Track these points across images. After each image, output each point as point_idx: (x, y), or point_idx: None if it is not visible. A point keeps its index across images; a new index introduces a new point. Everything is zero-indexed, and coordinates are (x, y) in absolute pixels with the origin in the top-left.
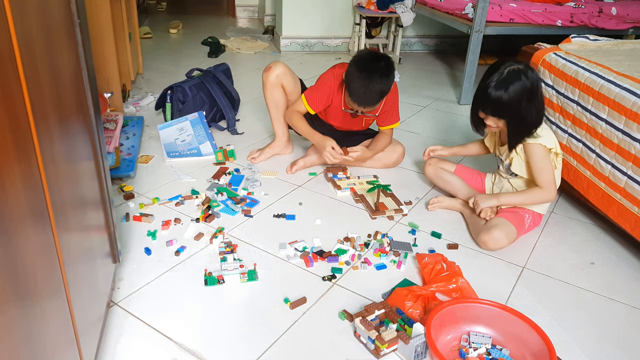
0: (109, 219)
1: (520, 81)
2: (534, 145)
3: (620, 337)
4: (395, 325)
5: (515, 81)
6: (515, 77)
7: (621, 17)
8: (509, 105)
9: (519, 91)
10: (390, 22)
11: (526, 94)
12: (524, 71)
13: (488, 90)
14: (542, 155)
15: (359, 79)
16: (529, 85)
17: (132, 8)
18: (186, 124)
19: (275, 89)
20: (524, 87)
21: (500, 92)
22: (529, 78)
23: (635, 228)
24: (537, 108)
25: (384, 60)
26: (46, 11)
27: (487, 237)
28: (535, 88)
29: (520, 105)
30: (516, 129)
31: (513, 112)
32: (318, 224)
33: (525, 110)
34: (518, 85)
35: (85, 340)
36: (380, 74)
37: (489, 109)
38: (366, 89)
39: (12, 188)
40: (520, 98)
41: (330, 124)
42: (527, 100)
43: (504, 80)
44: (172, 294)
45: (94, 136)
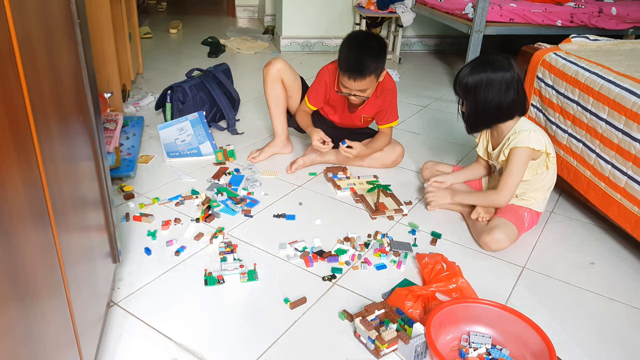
0: (109, 219)
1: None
2: (520, 149)
3: (620, 337)
4: (395, 325)
5: (480, 68)
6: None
7: (621, 17)
8: (466, 89)
9: (477, 79)
10: (390, 22)
11: (484, 82)
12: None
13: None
14: (521, 159)
15: (350, 49)
16: (488, 77)
17: (132, 8)
18: (186, 124)
19: (275, 84)
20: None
21: (463, 74)
22: (496, 70)
23: (635, 228)
24: (499, 101)
25: (376, 39)
26: (46, 11)
27: (489, 238)
28: (496, 81)
29: (477, 92)
30: (470, 112)
31: (469, 96)
32: (318, 224)
33: (482, 97)
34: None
35: (85, 340)
36: (372, 48)
37: (455, 88)
38: (356, 58)
39: (12, 188)
40: (478, 85)
41: (332, 121)
42: (486, 88)
43: (473, 65)
44: (172, 294)
45: (94, 136)
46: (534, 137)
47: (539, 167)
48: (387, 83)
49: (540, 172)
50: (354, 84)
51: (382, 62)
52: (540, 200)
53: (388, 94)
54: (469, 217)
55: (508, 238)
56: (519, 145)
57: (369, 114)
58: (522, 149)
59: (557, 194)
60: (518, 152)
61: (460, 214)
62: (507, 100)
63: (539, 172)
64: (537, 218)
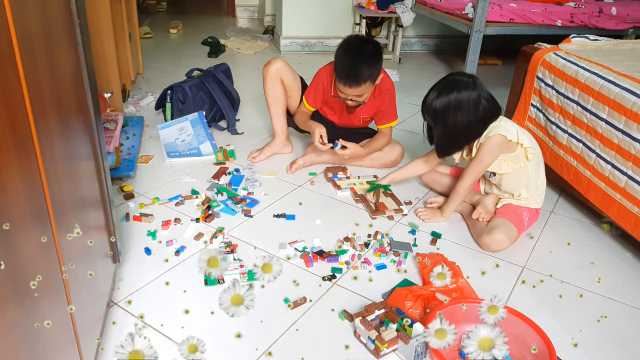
0: (109, 219)
1: (452, 92)
2: (491, 138)
3: (620, 337)
4: (395, 325)
5: (447, 91)
6: (449, 87)
7: (621, 17)
8: (435, 114)
9: (445, 102)
10: (390, 22)
11: (452, 105)
12: (460, 84)
13: (425, 99)
14: (493, 146)
15: (345, 56)
16: (456, 99)
17: (132, 8)
18: (186, 124)
19: (275, 83)
20: (454, 98)
21: (430, 99)
22: (461, 91)
23: (635, 228)
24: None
25: (372, 44)
26: (46, 11)
27: (489, 239)
28: (463, 103)
29: (446, 116)
30: (440, 137)
31: (439, 120)
32: (318, 224)
33: (451, 121)
34: (449, 95)
35: (85, 340)
36: (367, 56)
37: (424, 114)
38: (351, 65)
39: (12, 188)
40: (446, 108)
41: (331, 121)
42: (454, 111)
43: (438, 89)
44: (172, 294)
45: (94, 136)
46: (505, 126)
47: (519, 160)
48: (386, 84)
49: (523, 166)
50: (349, 91)
51: (377, 68)
52: (536, 197)
53: (386, 94)
54: (469, 218)
55: (508, 238)
56: (490, 134)
57: (367, 115)
58: (493, 137)
59: (557, 194)
60: (491, 139)
61: (460, 214)
62: (476, 120)
63: (522, 166)
64: (536, 215)
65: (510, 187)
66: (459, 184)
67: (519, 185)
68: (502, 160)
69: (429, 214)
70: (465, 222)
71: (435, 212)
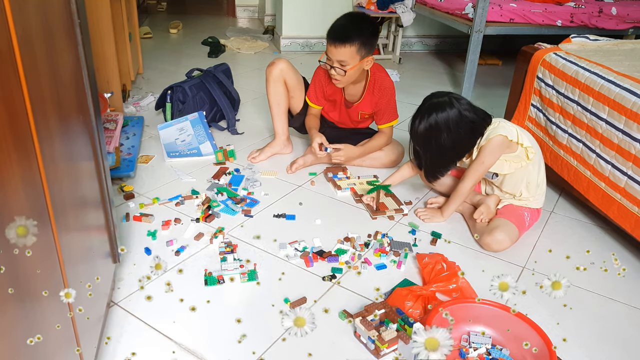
0: (109, 219)
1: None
2: (493, 138)
3: (620, 337)
4: (395, 325)
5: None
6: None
7: (621, 17)
8: (421, 140)
9: (426, 126)
10: (390, 22)
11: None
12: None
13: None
14: (495, 147)
15: (338, 19)
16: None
17: (132, 8)
18: (186, 124)
19: (277, 84)
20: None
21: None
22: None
23: (635, 228)
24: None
25: (369, 20)
26: (46, 11)
27: (490, 239)
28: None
29: (430, 140)
30: (428, 160)
31: (425, 146)
32: (318, 224)
33: (435, 144)
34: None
35: (85, 340)
36: (359, 23)
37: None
38: (340, 24)
39: (12, 188)
40: (428, 132)
41: (332, 121)
42: (436, 134)
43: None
44: (172, 294)
45: (94, 136)
46: (504, 127)
47: (520, 159)
48: (385, 81)
49: (524, 165)
50: (334, 51)
51: (367, 38)
52: (536, 196)
53: (385, 92)
54: (470, 218)
55: (509, 238)
56: (490, 136)
57: (366, 111)
58: (494, 138)
59: (557, 194)
60: (490, 142)
61: (461, 214)
62: (463, 135)
63: (523, 165)
64: (537, 214)
65: (511, 187)
66: (461, 184)
67: (520, 185)
68: (504, 160)
69: (429, 214)
70: (465, 222)
71: (436, 212)
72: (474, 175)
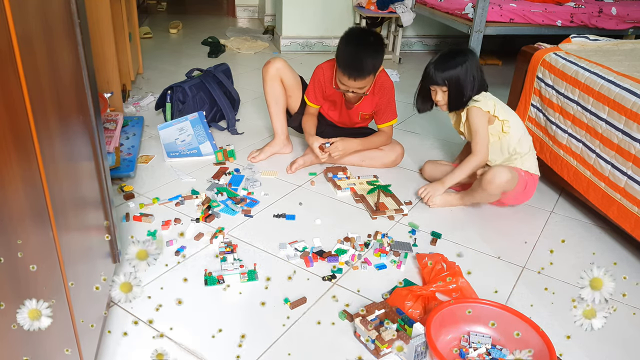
0: (109, 219)
1: (461, 57)
2: (471, 109)
3: (620, 337)
4: (395, 325)
5: (458, 56)
6: (457, 53)
7: (621, 17)
8: (451, 75)
9: (460, 64)
10: (390, 22)
11: (465, 66)
12: (465, 51)
13: (434, 65)
14: (476, 117)
15: (347, 48)
16: (469, 60)
17: (132, 8)
18: (186, 124)
19: (274, 83)
20: (465, 60)
21: (443, 65)
22: (468, 56)
23: (635, 228)
24: (474, 82)
25: (373, 35)
26: (46, 11)
27: (490, 174)
28: (473, 64)
29: (459, 75)
30: (455, 96)
31: (454, 79)
32: (318, 224)
33: (463, 80)
34: (460, 59)
35: (85, 340)
36: (370, 47)
37: (434, 78)
38: (355, 56)
39: (12, 188)
40: (460, 69)
41: (331, 120)
42: (466, 72)
43: (447, 56)
44: (172, 294)
45: (94, 136)
46: (482, 101)
47: (497, 132)
48: (385, 82)
49: (502, 137)
50: (353, 83)
51: (380, 59)
52: (524, 159)
53: (385, 92)
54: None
55: (509, 172)
56: (469, 107)
57: (366, 112)
58: (471, 109)
59: (557, 194)
60: (470, 112)
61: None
62: (479, 78)
63: (501, 137)
64: (532, 181)
65: (494, 156)
66: (472, 158)
67: (502, 153)
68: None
69: (429, 192)
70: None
71: (434, 185)
72: (479, 144)
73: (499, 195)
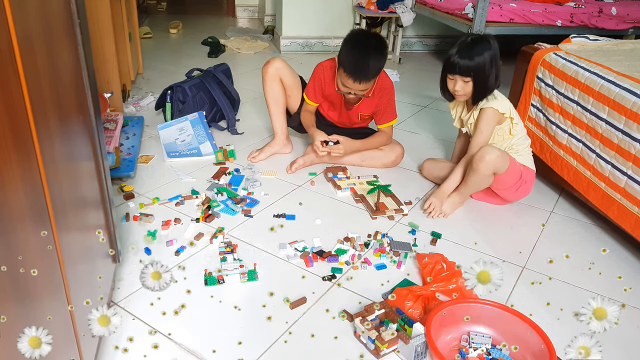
0: (109, 219)
1: (485, 45)
2: (487, 109)
3: (620, 337)
4: (395, 325)
5: (481, 45)
6: (481, 42)
7: (621, 17)
8: (477, 65)
9: (484, 53)
10: (390, 22)
11: (489, 56)
12: (487, 39)
13: (458, 54)
14: (489, 118)
15: (352, 52)
16: (493, 50)
17: (132, 8)
18: (186, 124)
19: (274, 83)
20: (489, 50)
21: (468, 54)
22: (491, 44)
23: (635, 228)
24: (496, 72)
25: (375, 38)
26: (46, 11)
27: (480, 152)
28: (496, 54)
29: (484, 66)
30: (480, 87)
31: (479, 70)
32: (318, 224)
33: (488, 70)
34: (484, 48)
35: (85, 340)
36: (375, 50)
37: (459, 69)
38: (360, 61)
39: (12, 188)
40: (485, 59)
41: (331, 120)
42: (490, 62)
43: (471, 44)
44: (172, 294)
45: (94, 136)
46: (499, 101)
47: (504, 132)
48: (385, 82)
49: (506, 138)
50: (358, 86)
51: (384, 62)
52: (520, 150)
53: (385, 93)
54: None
55: (498, 150)
56: (485, 106)
57: (366, 112)
58: (488, 109)
59: (557, 194)
60: (485, 112)
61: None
62: (498, 71)
63: (505, 138)
64: (528, 174)
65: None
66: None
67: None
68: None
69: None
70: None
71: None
72: (478, 144)
73: (491, 177)
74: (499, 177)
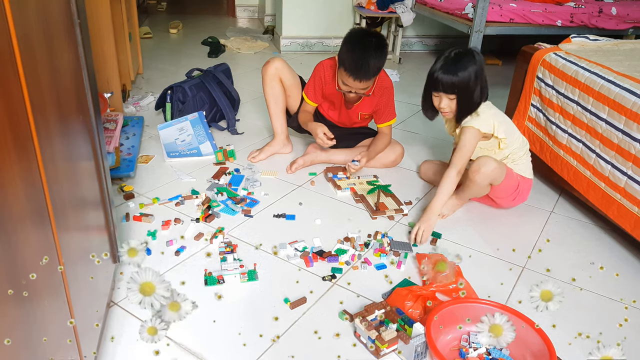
0: (109, 219)
1: (470, 59)
2: (467, 128)
3: (620, 337)
4: (395, 325)
5: (465, 59)
6: (465, 56)
7: (621, 17)
8: (461, 80)
9: (469, 68)
10: (390, 22)
11: (474, 71)
12: (471, 52)
13: (441, 70)
14: (470, 136)
15: (353, 50)
16: (477, 64)
17: (132, 8)
18: (186, 124)
19: (274, 82)
20: (473, 64)
21: (452, 69)
22: (476, 58)
23: (635, 228)
24: (482, 86)
25: (375, 36)
26: (46, 11)
27: (476, 164)
28: (481, 67)
29: (469, 81)
30: (464, 103)
31: (464, 86)
32: (318, 224)
33: (473, 86)
34: (468, 62)
35: (85, 340)
36: (375, 48)
37: (442, 87)
38: (361, 60)
39: (12, 188)
40: (470, 74)
41: (331, 120)
42: (475, 77)
43: (454, 59)
44: None
45: (94, 136)
46: (483, 119)
47: (493, 147)
48: (384, 82)
49: (497, 152)
50: (358, 85)
51: (384, 60)
52: (518, 162)
53: (385, 92)
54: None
55: (496, 163)
56: (466, 125)
57: (366, 112)
58: (468, 129)
59: (557, 194)
60: (466, 130)
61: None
62: (484, 85)
63: (497, 152)
64: (525, 183)
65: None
66: (447, 173)
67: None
68: (478, 147)
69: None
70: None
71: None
72: (457, 162)
73: (488, 188)
74: (496, 187)
